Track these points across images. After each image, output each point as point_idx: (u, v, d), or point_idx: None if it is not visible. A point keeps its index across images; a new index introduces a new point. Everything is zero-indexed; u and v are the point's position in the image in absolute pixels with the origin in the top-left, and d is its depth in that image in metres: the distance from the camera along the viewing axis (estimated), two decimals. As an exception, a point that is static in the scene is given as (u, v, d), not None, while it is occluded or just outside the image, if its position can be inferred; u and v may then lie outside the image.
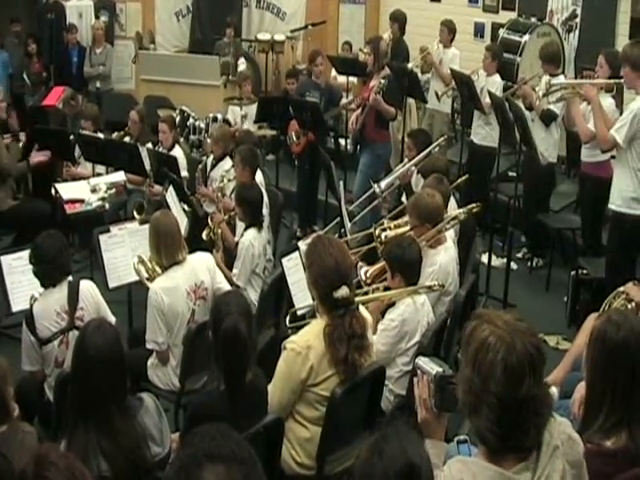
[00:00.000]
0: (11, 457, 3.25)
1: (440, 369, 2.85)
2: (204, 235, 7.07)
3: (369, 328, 4.31)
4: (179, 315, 5.30)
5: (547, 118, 8.05)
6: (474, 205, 6.19)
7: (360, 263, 5.76)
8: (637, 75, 6.27)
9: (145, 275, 5.66)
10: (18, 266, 5.64)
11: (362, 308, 4.44)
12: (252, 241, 6.37)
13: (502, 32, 10.67)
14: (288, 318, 5.29)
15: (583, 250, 7.80)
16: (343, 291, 4.02)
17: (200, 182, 8.25)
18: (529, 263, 8.59)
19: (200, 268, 5.47)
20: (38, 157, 8.13)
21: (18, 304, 5.55)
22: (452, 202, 6.56)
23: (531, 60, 9.71)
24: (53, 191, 7.84)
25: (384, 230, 6.05)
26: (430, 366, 2.89)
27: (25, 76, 12.96)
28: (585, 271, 7.25)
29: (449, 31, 10.26)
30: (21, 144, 8.56)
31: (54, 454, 2.05)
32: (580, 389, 3.88)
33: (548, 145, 8.18)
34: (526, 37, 10.22)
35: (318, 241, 4.30)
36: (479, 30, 11.99)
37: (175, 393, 5.33)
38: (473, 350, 2.47)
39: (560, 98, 7.31)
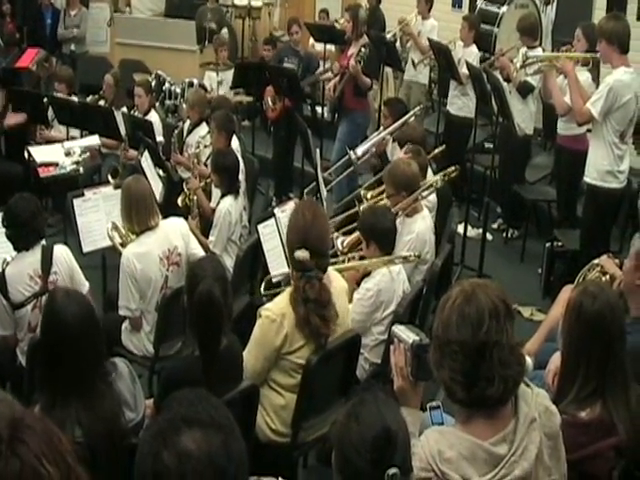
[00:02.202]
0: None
1: (417, 337, 2.84)
2: (179, 202, 7.03)
3: (343, 296, 4.32)
4: (152, 281, 5.27)
5: (524, 90, 8.05)
6: (452, 169, 6.18)
7: (336, 233, 5.75)
8: (612, 49, 6.26)
9: (119, 241, 5.62)
10: (-11, 229, 5.57)
11: (338, 276, 4.45)
12: (229, 208, 6.33)
13: (480, 3, 10.64)
14: (262, 285, 5.28)
15: (558, 222, 7.83)
16: (302, 253, 4.02)
17: (176, 148, 8.18)
18: (504, 234, 8.61)
19: (173, 234, 5.43)
20: (14, 118, 8.00)
21: (-11, 267, 5.49)
22: (429, 173, 6.55)
23: (508, 32, 9.68)
24: (26, 154, 7.73)
25: (362, 202, 6.04)
26: (407, 334, 2.88)
27: (-3, 37, 12.77)
28: (560, 243, 7.27)
29: (426, 1, 10.21)
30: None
31: (30, 418, 2.01)
32: (555, 360, 3.90)
33: (524, 117, 8.17)
34: (504, 8, 10.18)
35: (302, 201, 4.37)
36: (457, 1, 11.94)
37: (149, 359, 5.32)
38: (440, 306, 2.52)
39: (537, 71, 7.29)
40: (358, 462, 2.26)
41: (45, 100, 8.34)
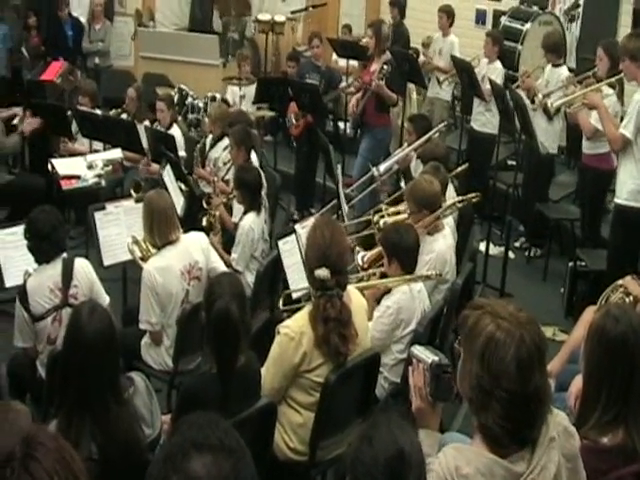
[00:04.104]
0: (1, 436, 3.22)
1: (436, 358, 2.81)
2: (204, 222, 7.02)
3: (362, 314, 4.28)
4: (173, 295, 5.26)
5: (550, 112, 8.00)
6: (473, 195, 6.13)
7: (357, 248, 5.73)
8: (637, 66, 6.22)
9: (139, 255, 5.62)
10: (12, 241, 5.58)
11: (358, 294, 4.41)
12: (251, 225, 6.33)
13: (504, 20, 10.65)
14: (281, 300, 5.26)
15: (581, 241, 7.76)
16: (323, 272, 3.98)
17: (198, 162, 8.19)
18: (527, 253, 8.55)
19: (194, 248, 5.43)
20: (30, 124, 8.01)
21: (12, 279, 5.50)
22: (451, 190, 6.52)
23: (532, 49, 9.68)
24: (49, 166, 7.77)
25: (382, 217, 6.02)
26: (426, 354, 2.85)
27: (24, 50, 12.84)
28: (583, 263, 7.21)
29: (447, 17, 10.23)
30: (17, 119, 8.46)
31: (43, 435, 2.00)
32: (577, 383, 3.85)
33: (549, 135, 8.15)
34: (528, 25, 10.19)
35: (320, 219, 4.41)
36: (480, 17, 11.94)
37: (168, 373, 5.30)
38: (480, 345, 2.43)
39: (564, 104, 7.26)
40: None
41: (69, 113, 8.37)
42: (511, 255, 7.97)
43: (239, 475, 1.81)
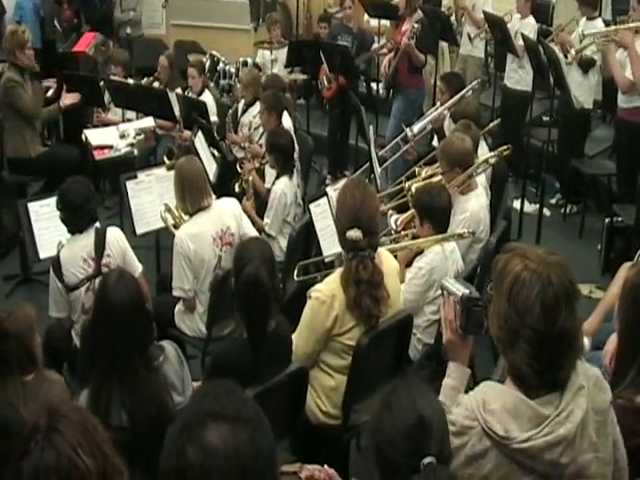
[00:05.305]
0: (37, 406, 3.26)
1: (467, 290, 2.78)
2: (236, 187, 7.02)
3: (394, 277, 4.26)
4: (205, 261, 5.27)
5: (585, 65, 7.86)
6: (504, 148, 6.04)
7: (391, 212, 5.69)
8: None
9: (171, 222, 5.64)
10: (45, 213, 5.65)
11: (390, 256, 4.38)
12: (284, 189, 6.32)
13: (537, -26, 10.41)
14: (295, 272, 5.25)
15: (618, 197, 7.64)
16: (354, 233, 3.94)
17: (230, 128, 8.18)
18: (563, 210, 8.45)
19: (226, 214, 5.43)
20: (69, 99, 8.05)
21: (46, 250, 5.56)
22: (484, 147, 6.45)
23: (566, 2, 9.47)
24: (83, 137, 7.80)
25: (413, 183, 5.96)
26: (457, 287, 2.82)
27: (56, 22, 12.87)
28: (620, 218, 7.10)
29: None
30: (51, 90, 8.49)
31: (66, 407, 2.02)
32: (612, 341, 3.79)
33: (584, 90, 8.01)
34: (562, -22, 9.97)
35: (350, 181, 4.38)
36: (514, -28, 11.68)
37: (202, 340, 5.32)
38: (508, 285, 2.42)
39: (596, 46, 7.12)
40: (393, 453, 2.22)
41: (101, 83, 8.38)
42: (546, 212, 7.89)
43: (256, 445, 1.78)
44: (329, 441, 4.14)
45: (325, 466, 3.03)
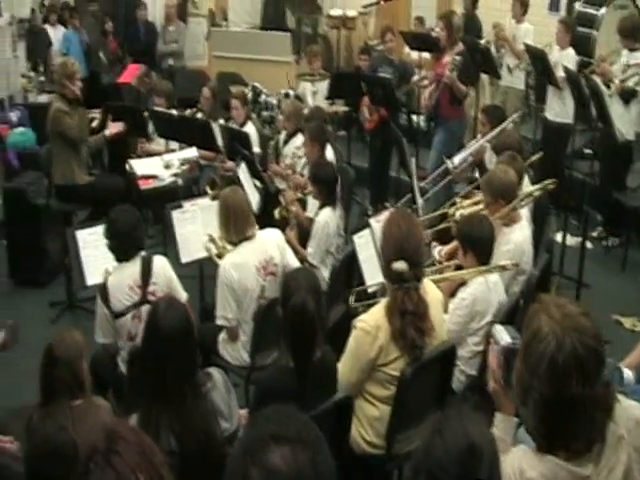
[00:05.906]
0: (85, 431, 3.31)
1: (510, 340, 2.74)
2: (276, 214, 7.08)
3: (438, 307, 4.27)
4: (249, 291, 5.30)
5: (627, 96, 7.85)
6: (549, 181, 6.04)
7: (434, 243, 5.71)
8: None
9: (215, 252, 5.69)
10: (93, 240, 5.72)
11: (434, 287, 4.39)
12: (327, 220, 6.37)
13: (577, 5, 10.45)
14: (352, 297, 5.28)
15: (660, 230, 7.61)
16: (400, 265, 3.97)
17: (272, 159, 8.25)
18: (604, 242, 8.42)
19: (270, 244, 5.47)
20: (113, 128, 8.18)
21: (93, 278, 5.62)
22: (526, 180, 6.45)
23: (608, 34, 9.48)
24: (128, 167, 7.91)
25: (458, 209, 5.98)
26: (501, 335, 2.79)
27: (101, 54, 13.11)
28: (663, 251, 7.07)
29: (521, 5, 10.08)
30: (96, 121, 8.63)
31: (124, 429, 2.05)
32: (657, 374, 3.78)
33: (625, 121, 7.99)
34: (603, 10, 9.99)
35: (395, 212, 4.41)
36: (554, 3, 11.72)
37: (245, 368, 5.36)
38: (526, 340, 2.40)
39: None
40: (444, 477, 2.22)
41: (145, 114, 8.50)
42: (589, 245, 7.85)
43: (317, 467, 1.81)
44: (372, 471, 4.15)
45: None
